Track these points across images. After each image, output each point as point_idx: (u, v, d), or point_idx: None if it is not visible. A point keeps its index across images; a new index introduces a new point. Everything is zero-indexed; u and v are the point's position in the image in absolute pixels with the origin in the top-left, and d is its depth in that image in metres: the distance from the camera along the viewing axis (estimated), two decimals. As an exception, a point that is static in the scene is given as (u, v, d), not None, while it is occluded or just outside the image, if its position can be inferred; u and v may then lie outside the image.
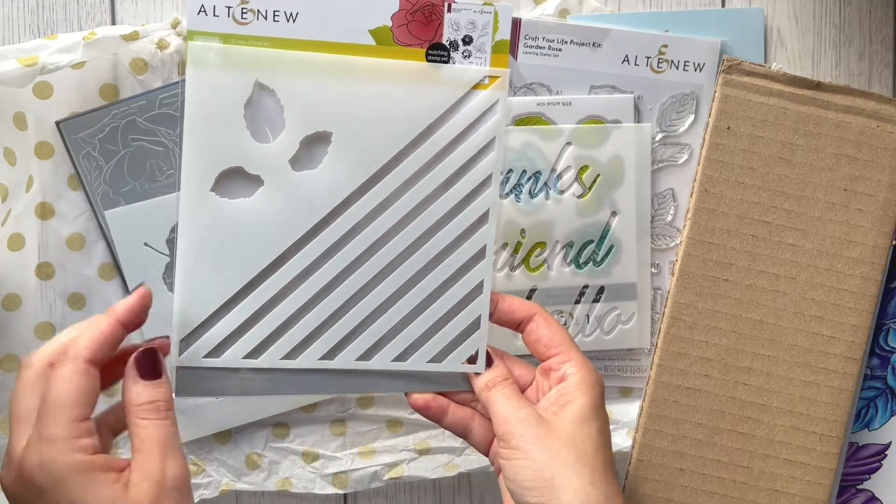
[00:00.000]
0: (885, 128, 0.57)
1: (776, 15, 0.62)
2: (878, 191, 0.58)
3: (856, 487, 0.62)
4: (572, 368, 0.50)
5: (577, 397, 0.49)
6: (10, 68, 0.55)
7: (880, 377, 0.62)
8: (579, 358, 0.50)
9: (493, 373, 0.52)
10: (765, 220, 0.58)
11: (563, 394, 0.49)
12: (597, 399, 0.50)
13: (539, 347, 0.52)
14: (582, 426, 0.48)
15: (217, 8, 0.47)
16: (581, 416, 0.49)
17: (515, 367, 0.53)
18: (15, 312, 0.58)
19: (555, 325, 0.52)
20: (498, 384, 0.51)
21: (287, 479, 0.61)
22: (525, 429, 0.48)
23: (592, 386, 0.50)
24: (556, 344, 0.51)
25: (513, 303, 0.52)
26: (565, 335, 0.51)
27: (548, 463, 0.47)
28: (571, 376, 0.50)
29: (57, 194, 0.59)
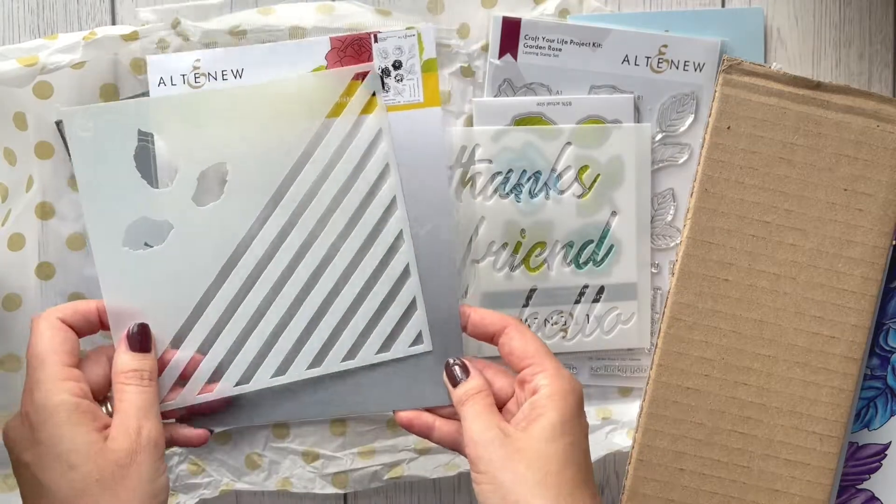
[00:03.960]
0: (885, 128, 0.57)
1: (776, 15, 0.62)
2: (878, 191, 0.58)
3: (856, 487, 0.62)
4: (544, 380, 0.49)
5: (547, 411, 0.48)
6: (11, 68, 0.55)
7: (880, 377, 0.62)
8: (552, 367, 0.50)
9: (468, 385, 0.51)
10: (765, 220, 0.58)
11: (535, 407, 0.49)
12: (569, 411, 0.48)
13: (513, 360, 0.51)
14: (549, 444, 0.47)
15: (174, 77, 0.53)
16: (549, 433, 0.47)
17: (498, 378, 0.53)
18: (15, 312, 0.58)
19: (528, 335, 0.51)
20: (471, 398, 0.50)
21: (287, 478, 0.61)
22: (491, 451, 0.47)
23: (564, 397, 0.49)
24: (528, 355, 0.50)
25: (485, 316, 0.53)
26: (539, 345, 0.51)
27: (512, 488, 0.46)
28: (543, 388, 0.49)
29: (57, 194, 0.59)
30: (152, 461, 0.44)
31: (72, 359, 0.45)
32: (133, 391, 0.45)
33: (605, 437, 0.62)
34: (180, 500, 0.61)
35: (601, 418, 0.62)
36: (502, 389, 0.53)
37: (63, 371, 0.43)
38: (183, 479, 0.61)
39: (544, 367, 0.50)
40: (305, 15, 0.59)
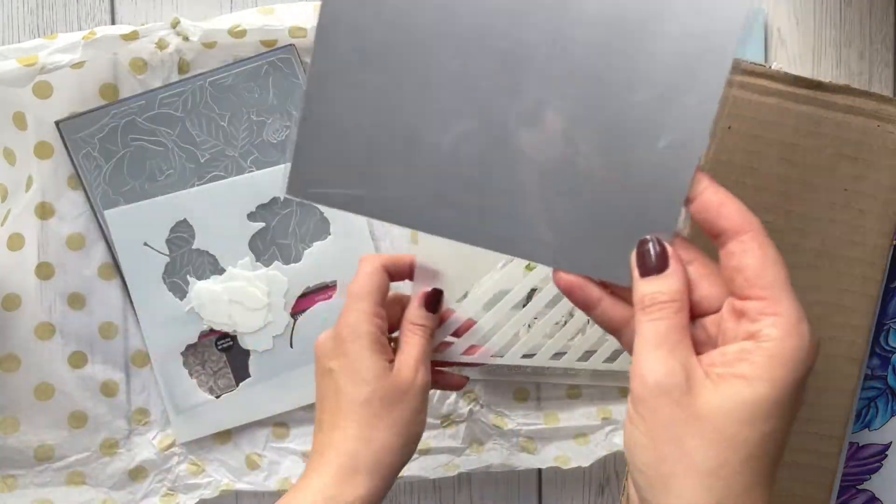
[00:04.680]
0: (885, 128, 0.57)
1: (777, 15, 0.62)
2: (878, 191, 0.58)
3: (856, 487, 0.62)
4: (773, 330, 0.36)
5: (759, 377, 0.35)
6: (10, 68, 0.55)
7: (881, 377, 0.61)
8: (791, 315, 0.36)
9: (659, 285, 0.38)
10: (765, 220, 0.57)
11: (744, 359, 0.36)
12: (788, 387, 0.35)
13: (738, 280, 0.37)
14: (744, 426, 0.35)
15: None
16: (750, 412, 0.35)
17: (707, 281, 0.39)
18: (14, 312, 0.58)
19: (770, 254, 0.37)
20: (658, 307, 0.38)
21: (287, 479, 0.61)
22: (663, 403, 0.36)
23: (792, 364, 0.35)
24: (763, 284, 0.36)
25: (724, 202, 0.38)
26: (780, 274, 0.36)
27: (673, 460, 0.36)
28: (767, 341, 0.36)
29: (57, 194, 0.59)
30: (422, 397, 0.50)
31: (382, 299, 0.51)
32: (417, 340, 0.51)
33: (605, 437, 0.62)
34: (180, 500, 0.61)
35: (601, 418, 0.62)
36: (707, 299, 0.39)
37: (375, 308, 0.50)
38: (183, 479, 0.61)
39: (778, 311, 0.36)
40: (305, 14, 0.59)
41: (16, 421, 0.59)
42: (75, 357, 0.60)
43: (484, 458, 0.61)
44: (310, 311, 0.60)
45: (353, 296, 0.50)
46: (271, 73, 0.59)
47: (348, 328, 0.49)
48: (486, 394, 0.62)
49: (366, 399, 0.48)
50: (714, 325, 0.39)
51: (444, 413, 0.62)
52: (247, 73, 0.59)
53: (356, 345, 0.49)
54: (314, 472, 0.48)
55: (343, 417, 0.48)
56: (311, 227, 0.60)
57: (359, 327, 0.49)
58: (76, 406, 0.60)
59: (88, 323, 0.60)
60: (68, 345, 0.60)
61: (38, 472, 0.60)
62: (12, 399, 0.59)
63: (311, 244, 0.60)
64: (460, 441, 0.62)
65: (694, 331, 0.39)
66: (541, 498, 0.63)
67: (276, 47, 0.59)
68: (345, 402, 0.49)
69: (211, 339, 0.60)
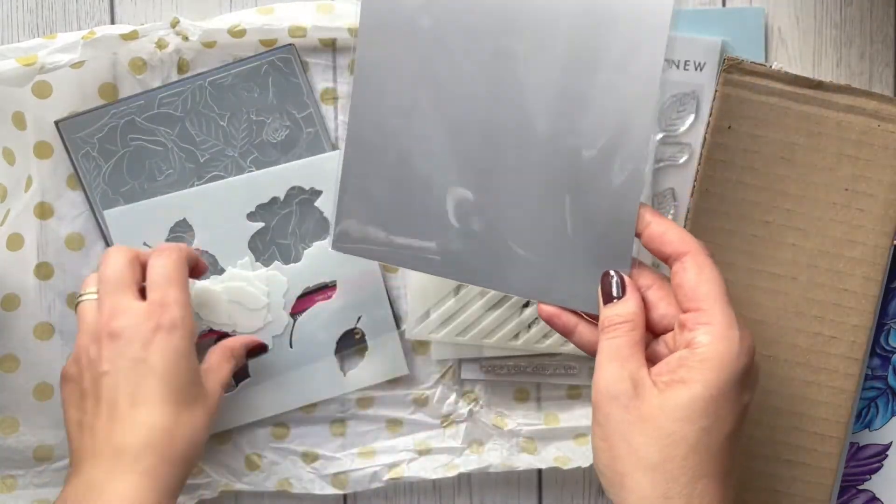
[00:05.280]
0: (886, 127, 0.57)
1: (777, 14, 0.62)
2: (879, 190, 0.58)
3: (856, 488, 0.62)
4: (704, 336, 0.41)
5: (693, 379, 0.40)
6: (9, 67, 0.55)
7: (881, 377, 0.61)
8: (721, 323, 0.41)
9: (616, 310, 0.44)
10: (766, 219, 0.58)
11: (682, 366, 0.41)
12: (720, 386, 0.40)
13: (679, 295, 0.43)
14: (680, 424, 0.40)
15: None
16: (685, 411, 0.40)
17: (666, 302, 0.45)
18: (14, 312, 0.58)
19: (706, 272, 0.42)
20: (614, 328, 0.43)
21: (287, 479, 0.61)
22: (614, 408, 0.41)
23: (720, 365, 0.40)
24: (697, 297, 0.42)
25: (667, 231, 0.44)
26: (713, 288, 0.42)
27: (624, 459, 0.41)
28: (698, 347, 0.41)
29: (56, 194, 0.59)
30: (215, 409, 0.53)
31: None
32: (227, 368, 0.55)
33: (606, 437, 0.62)
34: (180, 500, 0.60)
35: (601, 418, 0.62)
36: (665, 318, 0.44)
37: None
38: (182, 480, 0.61)
39: (710, 320, 0.41)
40: (305, 14, 0.58)
41: (15, 421, 0.59)
42: (75, 357, 0.60)
43: (484, 459, 0.61)
44: (309, 310, 0.60)
45: (174, 287, 0.51)
46: (271, 73, 0.59)
47: (180, 317, 0.49)
48: (486, 394, 0.62)
49: (188, 387, 0.49)
50: (672, 341, 0.44)
51: (444, 413, 0.62)
52: (246, 72, 0.59)
53: (181, 334, 0.49)
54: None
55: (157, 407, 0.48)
56: (311, 226, 0.60)
57: (186, 320, 0.50)
58: (75, 406, 0.60)
59: (88, 323, 0.60)
60: (68, 345, 0.59)
61: (37, 473, 0.60)
62: (11, 399, 0.59)
63: (311, 244, 0.60)
64: (460, 441, 0.62)
65: (656, 347, 0.45)
66: (541, 498, 0.63)
67: (275, 47, 0.59)
68: (164, 389, 0.48)
69: (210, 339, 0.60)
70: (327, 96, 0.60)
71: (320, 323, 0.60)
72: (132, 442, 0.47)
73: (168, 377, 0.49)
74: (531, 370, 0.61)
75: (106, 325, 0.49)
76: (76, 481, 0.47)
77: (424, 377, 0.62)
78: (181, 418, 0.49)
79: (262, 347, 0.59)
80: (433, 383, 0.62)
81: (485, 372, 0.61)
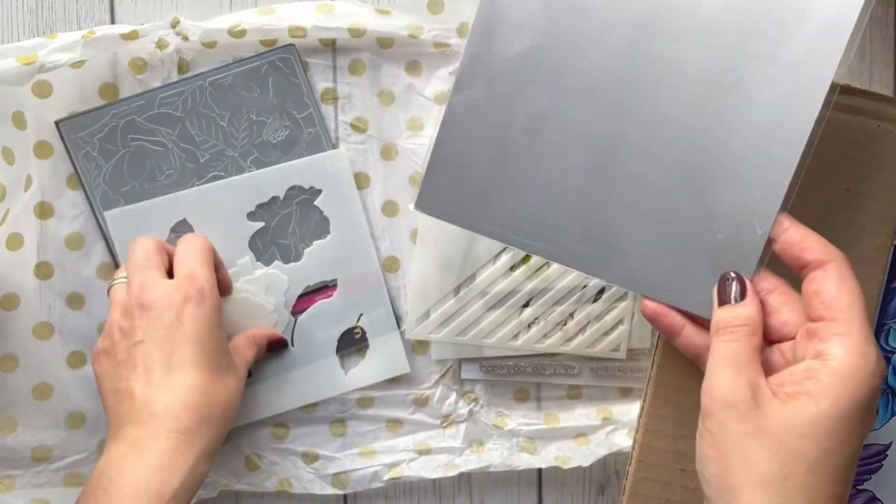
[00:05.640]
0: (886, 127, 0.57)
1: (777, 14, 0.62)
2: (878, 190, 0.58)
3: (856, 488, 0.62)
4: (839, 349, 0.38)
5: (821, 394, 0.38)
6: (9, 66, 0.55)
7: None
8: (857, 336, 0.38)
9: (734, 312, 0.41)
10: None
11: (810, 377, 0.39)
12: (850, 404, 0.38)
13: (815, 302, 0.40)
14: (804, 441, 0.38)
15: None
16: (810, 427, 0.38)
17: (787, 308, 0.42)
18: (13, 312, 0.58)
19: (848, 284, 0.40)
20: (731, 331, 0.41)
21: (287, 479, 0.61)
22: (729, 416, 0.39)
23: (854, 382, 0.38)
24: (835, 307, 0.39)
25: (806, 238, 0.42)
26: (856, 301, 0.39)
27: (737, 471, 0.38)
28: (832, 360, 0.39)
29: (56, 194, 0.59)
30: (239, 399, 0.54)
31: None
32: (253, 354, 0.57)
33: (606, 437, 0.62)
34: (179, 500, 0.60)
35: (601, 418, 0.62)
36: (786, 325, 0.42)
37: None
38: (182, 480, 0.61)
39: (847, 332, 0.39)
40: (305, 14, 0.59)
41: (14, 421, 0.59)
42: (74, 357, 0.59)
43: (484, 458, 0.61)
44: (310, 309, 0.60)
45: (205, 272, 0.52)
46: (271, 73, 0.59)
47: (209, 295, 0.51)
48: (486, 394, 0.62)
49: (224, 365, 0.51)
50: (790, 351, 0.42)
51: (444, 413, 0.62)
52: (246, 72, 0.59)
53: (216, 315, 0.51)
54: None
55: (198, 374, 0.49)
56: (311, 226, 0.60)
57: (215, 300, 0.52)
58: (75, 406, 0.59)
59: (87, 323, 0.60)
60: (67, 345, 0.59)
61: (35, 473, 0.59)
62: (10, 399, 0.59)
63: (312, 243, 0.60)
64: (460, 441, 0.62)
65: (771, 355, 0.43)
66: (541, 498, 0.63)
67: (275, 47, 0.59)
68: (203, 360, 0.50)
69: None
70: (327, 96, 0.60)
71: (321, 321, 0.60)
72: (170, 404, 0.48)
73: (201, 343, 0.50)
74: (531, 370, 0.61)
75: (137, 298, 0.51)
76: (116, 444, 0.48)
77: (424, 377, 0.62)
78: (215, 382, 0.50)
79: (283, 342, 0.60)
80: (433, 383, 0.62)
81: (485, 372, 0.61)
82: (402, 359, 0.61)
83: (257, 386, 0.60)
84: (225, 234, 0.59)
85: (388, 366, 0.61)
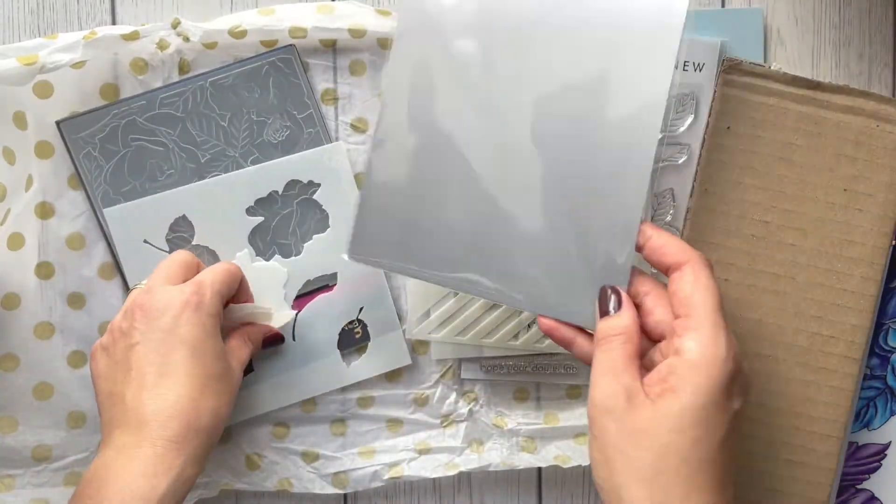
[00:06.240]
0: (884, 127, 0.58)
1: (776, 15, 0.62)
2: (877, 190, 0.58)
3: (855, 487, 0.62)
4: (692, 342, 0.41)
5: (682, 387, 0.41)
6: (10, 67, 0.55)
7: (880, 377, 0.62)
8: (707, 328, 0.41)
9: (611, 323, 0.44)
10: (764, 219, 0.58)
11: (671, 373, 0.41)
12: (708, 392, 0.40)
13: (673, 302, 0.43)
14: (673, 434, 0.40)
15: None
16: (676, 421, 0.40)
17: (659, 308, 0.45)
18: (14, 312, 0.58)
19: (702, 281, 0.43)
20: (608, 340, 0.44)
21: (287, 479, 0.61)
22: (608, 421, 0.41)
23: (708, 371, 0.40)
24: (690, 304, 0.42)
25: (666, 243, 0.45)
26: (708, 297, 0.42)
27: (620, 471, 0.41)
28: (687, 353, 0.41)
29: (57, 194, 0.59)
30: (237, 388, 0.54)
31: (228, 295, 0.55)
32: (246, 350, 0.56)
33: (605, 437, 0.62)
34: (179, 500, 0.60)
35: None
36: (660, 324, 0.45)
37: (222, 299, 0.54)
38: (182, 480, 0.61)
39: (698, 326, 0.41)
40: (305, 15, 0.59)
41: (14, 420, 0.59)
42: (75, 357, 0.60)
43: (484, 458, 0.61)
44: (312, 303, 0.60)
45: (213, 281, 0.53)
46: (272, 74, 0.59)
47: (205, 304, 0.51)
48: (486, 394, 0.62)
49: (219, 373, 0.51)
50: (666, 348, 0.44)
51: (444, 413, 0.62)
52: (247, 73, 0.59)
53: (211, 321, 0.51)
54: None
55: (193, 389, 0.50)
56: (311, 225, 0.60)
57: (214, 309, 0.52)
58: (75, 406, 0.60)
59: (88, 323, 0.60)
60: (68, 344, 0.59)
61: (35, 473, 0.60)
62: (11, 399, 0.59)
63: (311, 237, 0.60)
64: (460, 441, 0.62)
65: (653, 355, 0.46)
66: (541, 498, 0.63)
67: (276, 47, 0.59)
68: (197, 374, 0.50)
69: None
70: (328, 97, 0.60)
71: (323, 315, 0.60)
72: (159, 410, 0.49)
73: (195, 349, 0.50)
74: (531, 370, 0.61)
75: (140, 301, 0.51)
76: (106, 449, 0.49)
77: (424, 377, 0.62)
78: (206, 389, 0.50)
79: (279, 337, 0.59)
80: (433, 383, 0.62)
81: (485, 372, 0.61)
82: (404, 352, 0.61)
83: (259, 383, 0.60)
84: (225, 229, 0.59)
85: (389, 359, 0.61)
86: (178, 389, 0.49)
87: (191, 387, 0.50)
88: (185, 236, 0.59)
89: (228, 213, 0.59)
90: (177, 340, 0.50)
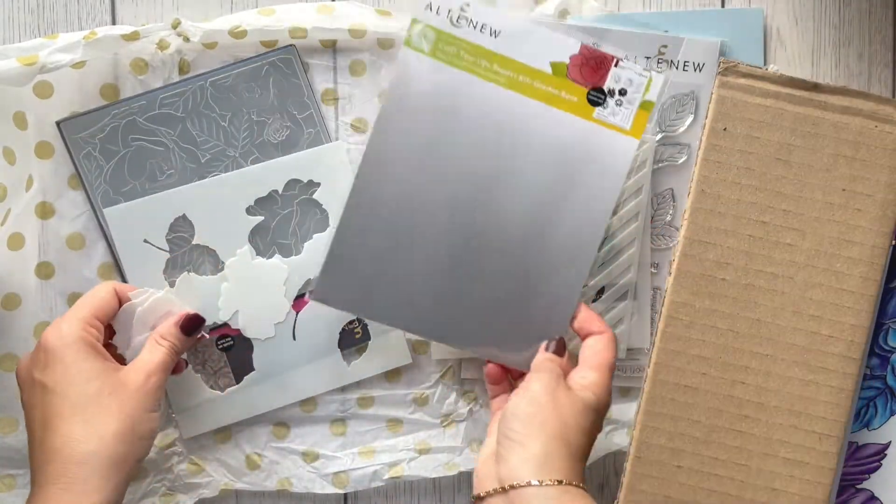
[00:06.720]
0: (883, 128, 0.58)
1: (776, 15, 0.62)
2: (876, 191, 0.58)
3: (855, 487, 0.62)
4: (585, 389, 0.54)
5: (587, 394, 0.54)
6: (10, 67, 0.55)
7: (880, 377, 0.62)
8: (601, 383, 0.54)
9: (550, 356, 0.56)
10: (762, 220, 0.58)
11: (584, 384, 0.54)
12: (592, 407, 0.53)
13: (581, 357, 0.55)
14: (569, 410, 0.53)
15: (440, 9, 0.56)
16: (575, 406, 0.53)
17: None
18: (14, 312, 0.58)
19: (610, 351, 0.55)
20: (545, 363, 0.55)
21: (287, 478, 0.61)
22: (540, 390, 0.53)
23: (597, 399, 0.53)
24: (594, 365, 0.54)
25: (593, 319, 0.57)
26: (607, 361, 0.55)
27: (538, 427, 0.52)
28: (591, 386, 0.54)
29: (57, 194, 0.59)
30: (153, 399, 0.53)
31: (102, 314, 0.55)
32: (158, 351, 0.55)
33: (606, 436, 0.62)
34: (180, 499, 0.61)
35: (601, 418, 0.62)
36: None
37: (89, 319, 0.53)
38: (182, 479, 0.61)
39: (597, 380, 0.54)
40: (306, 15, 0.59)
41: (14, 420, 0.59)
42: (75, 357, 0.60)
43: (483, 458, 0.61)
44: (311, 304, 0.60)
45: (72, 309, 0.54)
46: (272, 74, 0.59)
47: (57, 336, 0.52)
48: (486, 394, 0.62)
49: (95, 392, 0.51)
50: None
51: (444, 413, 0.62)
52: (247, 73, 0.59)
53: (72, 349, 0.52)
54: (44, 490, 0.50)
55: (66, 421, 0.50)
56: (311, 226, 0.60)
57: (70, 334, 0.52)
58: (76, 406, 0.60)
59: (88, 322, 0.60)
60: (68, 344, 0.59)
61: (37, 472, 0.60)
62: (11, 398, 0.59)
63: (311, 237, 0.60)
64: (460, 441, 0.62)
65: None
66: (540, 497, 0.63)
67: (276, 48, 0.59)
68: (68, 405, 0.51)
69: (211, 339, 0.60)
70: (328, 97, 0.61)
71: (323, 315, 0.60)
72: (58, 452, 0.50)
73: (64, 395, 0.51)
74: (531, 370, 0.61)
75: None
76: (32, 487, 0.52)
77: (424, 377, 0.62)
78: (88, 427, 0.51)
79: (195, 318, 0.57)
80: (433, 383, 0.62)
81: (484, 371, 0.61)
82: (404, 351, 0.61)
83: (259, 383, 0.60)
84: (225, 228, 0.59)
85: (390, 357, 0.61)
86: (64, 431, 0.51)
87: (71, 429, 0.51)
88: (185, 236, 0.59)
89: (228, 213, 0.59)
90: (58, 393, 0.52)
